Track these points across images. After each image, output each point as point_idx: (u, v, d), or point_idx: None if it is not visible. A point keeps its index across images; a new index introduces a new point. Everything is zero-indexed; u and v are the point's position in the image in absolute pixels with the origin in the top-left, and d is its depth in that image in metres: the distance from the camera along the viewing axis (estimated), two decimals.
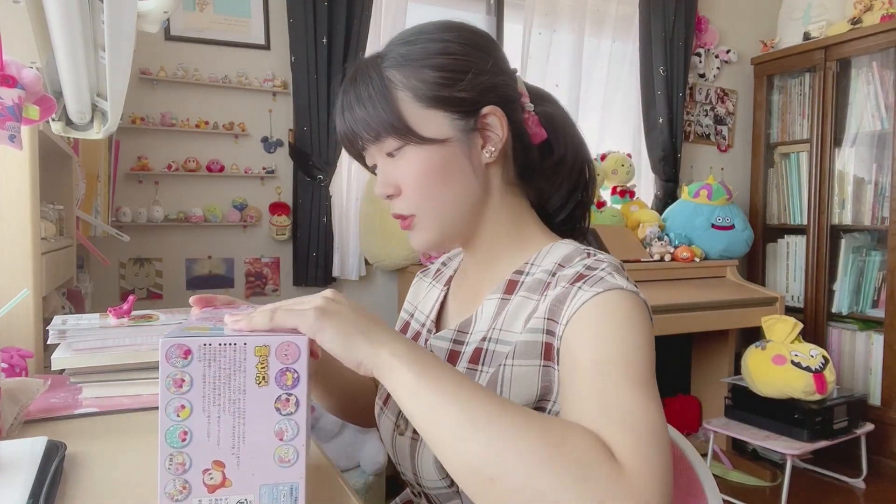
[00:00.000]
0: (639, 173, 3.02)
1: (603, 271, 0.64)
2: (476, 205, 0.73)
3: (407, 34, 0.72)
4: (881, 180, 2.81)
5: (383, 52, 0.72)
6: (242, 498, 0.51)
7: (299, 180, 2.37)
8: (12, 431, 0.75)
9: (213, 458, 0.51)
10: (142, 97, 2.20)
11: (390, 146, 0.69)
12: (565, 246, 0.73)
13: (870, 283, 2.88)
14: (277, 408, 0.51)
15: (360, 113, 0.69)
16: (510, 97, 0.73)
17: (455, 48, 0.69)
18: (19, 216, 1.08)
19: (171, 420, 0.50)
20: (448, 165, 0.69)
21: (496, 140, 0.71)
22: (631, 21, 2.97)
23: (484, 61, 0.70)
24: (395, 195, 0.72)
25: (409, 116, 0.68)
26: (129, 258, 2.23)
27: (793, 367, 2.32)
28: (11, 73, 0.86)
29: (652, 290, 2.45)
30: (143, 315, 1.01)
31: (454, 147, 0.69)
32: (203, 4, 2.27)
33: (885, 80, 2.78)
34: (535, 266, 0.72)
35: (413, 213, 0.71)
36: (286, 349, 0.51)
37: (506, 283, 0.73)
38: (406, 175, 0.70)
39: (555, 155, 0.77)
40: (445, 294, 0.84)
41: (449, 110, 0.69)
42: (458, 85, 0.68)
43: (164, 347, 0.49)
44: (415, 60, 0.68)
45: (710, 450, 2.60)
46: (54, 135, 1.23)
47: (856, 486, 2.55)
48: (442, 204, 0.70)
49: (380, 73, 0.69)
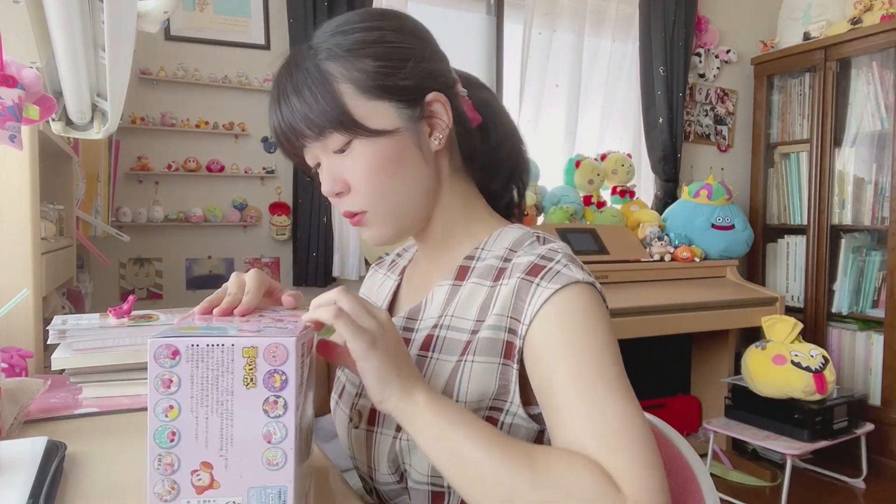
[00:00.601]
0: (639, 173, 3.02)
1: (559, 263, 0.64)
2: (429, 194, 0.72)
3: (335, 25, 0.69)
4: (881, 180, 2.81)
5: (314, 44, 0.68)
6: (231, 500, 0.51)
7: (299, 180, 2.37)
8: (12, 431, 0.75)
9: (202, 459, 0.50)
10: (142, 97, 2.20)
11: (336, 142, 0.66)
12: (514, 230, 0.73)
13: (870, 283, 2.88)
14: (265, 410, 0.50)
15: (299, 109, 0.66)
16: (449, 82, 0.72)
17: (391, 36, 0.67)
18: (19, 216, 1.09)
19: (159, 420, 0.49)
20: (399, 156, 0.67)
21: (443, 126, 0.70)
22: (631, 21, 2.97)
23: (422, 48, 0.69)
24: (345, 192, 0.69)
25: (354, 109, 0.65)
26: (129, 258, 2.23)
27: (793, 367, 2.32)
28: (11, 73, 0.86)
29: (652, 290, 2.45)
30: (143, 315, 1.01)
31: (403, 137, 0.67)
32: (203, 4, 2.27)
33: (885, 80, 2.78)
34: (486, 251, 0.72)
35: (365, 210, 0.69)
36: (274, 351, 0.50)
37: (457, 269, 0.73)
38: (356, 171, 0.67)
39: (492, 140, 0.77)
40: (399, 283, 0.84)
41: (394, 99, 0.67)
42: (401, 73, 0.66)
43: (153, 348, 0.49)
44: (352, 51, 0.66)
45: (710, 450, 2.60)
46: (54, 135, 1.23)
47: (856, 486, 2.55)
48: (396, 197, 0.69)
49: (317, 65, 0.66)
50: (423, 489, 0.67)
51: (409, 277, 0.83)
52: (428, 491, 0.67)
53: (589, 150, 2.91)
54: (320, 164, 0.71)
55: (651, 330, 2.32)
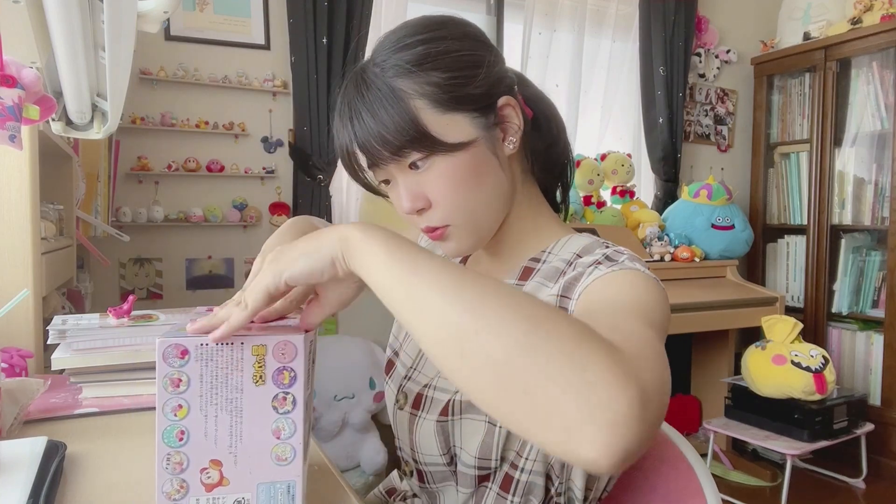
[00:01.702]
0: (639, 173, 3.02)
1: (621, 256, 0.64)
2: (506, 200, 0.71)
3: (396, 39, 0.67)
4: (881, 180, 2.81)
5: (378, 61, 0.66)
6: (240, 496, 0.51)
7: (299, 180, 2.37)
8: (12, 431, 0.75)
9: (211, 457, 0.51)
10: (142, 97, 2.20)
11: (414, 159, 0.65)
12: (584, 238, 0.73)
13: (870, 283, 2.88)
14: (274, 406, 0.51)
15: (375, 129, 0.64)
16: (513, 83, 0.71)
17: (456, 45, 0.66)
18: (19, 216, 1.08)
19: (168, 420, 0.50)
20: (478, 167, 0.66)
21: (515, 129, 0.69)
22: (631, 21, 2.97)
23: (486, 52, 0.68)
24: (426, 208, 0.68)
25: (431, 125, 0.63)
26: (129, 258, 2.23)
27: (793, 367, 2.32)
28: (11, 73, 0.86)
29: None
30: (143, 315, 1.01)
31: (481, 147, 0.66)
32: (203, 4, 2.26)
33: (885, 80, 2.78)
34: (553, 255, 0.72)
35: (447, 224, 0.68)
36: (283, 348, 0.51)
37: (521, 269, 0.73)
38: (438, 186, 0.66)
39: (546, 137, 0.76)
40: None
41: (468, 109, 0.65)
42: (472, 82, 0.65)
43: (161, 347, 0.49)
44: (420, 65, 0.64)
45: (710, 450, 2.60)
46: (54, 135, 1.23)
47: (856, 486, 2.55)
48: (477, 208, 0.67)
49: (387, 84, 0.64)
50: (471, 472, 0.68)
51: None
52: (474, 475, 0.68)
53: (589, 150, 2.91)
54: (389, 181, 0.69)
55: None
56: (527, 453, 0.67)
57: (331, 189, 2.39)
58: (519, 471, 0.68)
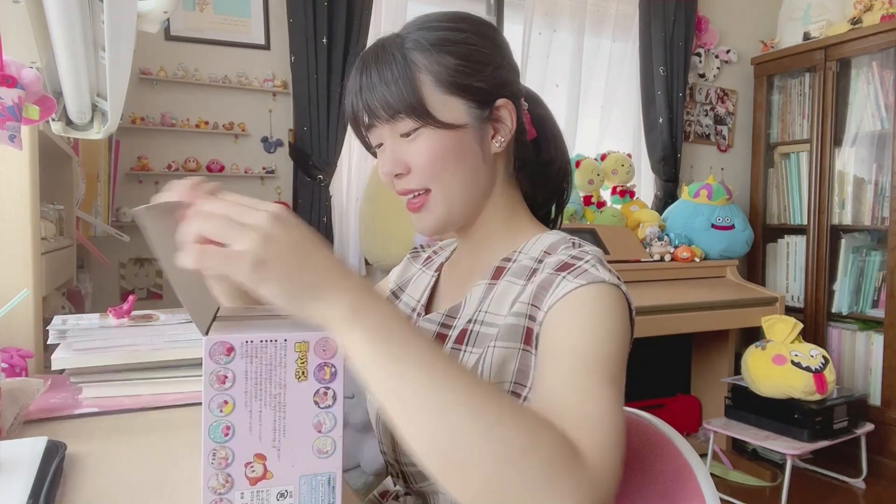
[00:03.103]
0: (639, 173, 3.02)
1: (587, 263, 0.66)
2: (482, 192, 0.75)
3: (424, 20, 0.73)
4: (881, 180, 2.81)
5: (402, 33, 0.73)
6: (283, 489, 0.52)
7: (299, 180, 2.37)
8: (12, 431, 0.75)
9: (255, 451, 0.52)
10: (142, 97, 2.20)
11: (406, 127, 0.70)
12: (552, 235, 0.76)
13: (870, 283, 2.88)
14: (316, 401, 0.52)
15: (379, 90, 0.69)
16: (517, 94, 0.76)
17: (474, 39, 0.71)
18: (19, 216, 1.08)
19: (214, 416, 0.50)
20: (461, 150, 0.71)
21: (506, 132, 0.74)
22: (631, 21, 2.97)
23: (500, 56, 0.74)
24: (404, 174, 0.72)
25: (429, 99, 0.69)
26: (129, 258, 2.23)
27: (793, 367, 2.32)
28: (11, 73, 0.86)
29: (652, 290, 2.45)
30: (143, 315, 1.01)
31: (468, 134, 0.71)
32: (203, 4, 2.27)
33: (885, 80, 2.78)
34: (523, 254, 0.75)
35: (427, 188, 0.72)
36: (325, 344, 0.52)
37: (493, 269, 0.76)
38: (419, 155, 0.71)
39: (544, 155, 0.81)
40: (436, 279, 0.86)
41: (467, 98, 0.71)
42: (479, 75, 0.71)
43: (208, 345, 0.50)
44: (437, 45, 0.70)
45: (710, 450, 2.60)
46: (54, 135, 1.23)
47: (856, 486, 2.55)
48: (451, 183, 0.72)
49: (403, 54, 0.70)
50: None
51: (448, 275, 0.86)
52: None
53: (589, 150, 2.91)
54: (382, 145, 0.74)
55: (651, 330, 2.32)
56: None
57: (331, 189, 2.39)
58: None
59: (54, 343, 0.89)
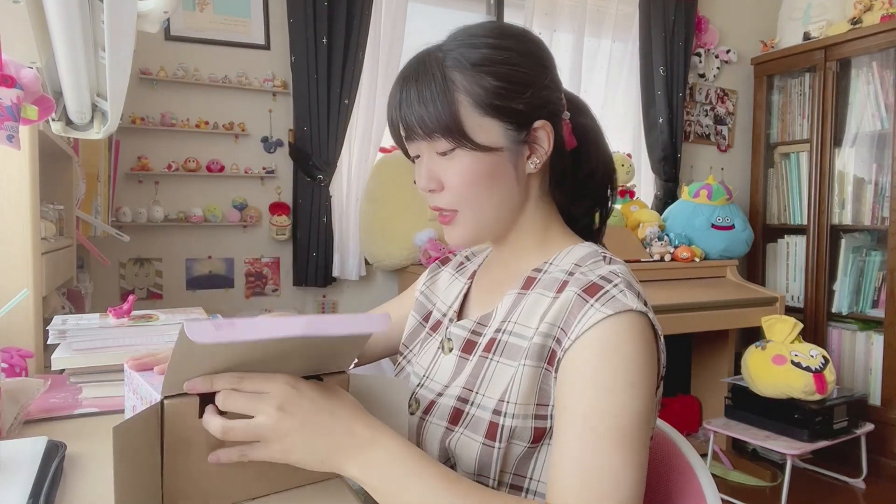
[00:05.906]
0: (639, 173, 3.02)
1: (615, 287, 0.66)
2: (513, 210, 0.76)
3: (467, 35, 0.72)
4: (881, 180, 2.81)
5: (444, 47, 0.71)
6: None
7: (299, 180, 2.37)
8: (12, 431, 0.75)
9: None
10: (142, 97, 2.20)
11: (442, 146, 0.70)
12: (584, 248, 0.76)
13: (870, 283, 2.88)
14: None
15: (417, 108, 0.70)
16: (558, 111, 0.75)
17: (517, 59, 0.70)
18: (19, 216, 1.08)
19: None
20: (495, 173, 0.71)
21: (542, 153, 0.73)
22: (631, 21, 2.97)
23: (543, 76, 0.72)
24: (437, 190, 0.73)
25: (466, 121, 0.69)
26: (129, 258, 2.23)
27: (793, 367, 2.32)
28: (10, 73, 0.86)
29: (652, 290, 2.45)
30: (143, 315, 1.01)
31: (504, 156, 0.71)
32: (203, 4, 2.26)
33: (885, 80, 2.78)
34: (554, 266, 0.75)
35: (456, 210, 0.73)
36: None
37: (524, 279, 0.76)
38: (453, 175, 0.71)
39: (584, 167, 0.80)
40: (469, 286, 0.86)
41: (504, 120, 0.70)
42: (519, 98, 0.70)
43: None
44: (478, 65, 0.69)
45: (710, 450, 2.60)
46: (54, 135, 1.23)
47: (856, 486, 2.55)
48: (483, 207, 0.72)
49: (443, 73, 0.69)
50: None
51: (480, 282, 0.86)
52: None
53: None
54: (420, 157, 0.75)
55: None
56: (539, 475, 0.68)
57: (331, 189, 2.39)
58: (524, 491, 0.69)
59: (54, 343, 0.89)
